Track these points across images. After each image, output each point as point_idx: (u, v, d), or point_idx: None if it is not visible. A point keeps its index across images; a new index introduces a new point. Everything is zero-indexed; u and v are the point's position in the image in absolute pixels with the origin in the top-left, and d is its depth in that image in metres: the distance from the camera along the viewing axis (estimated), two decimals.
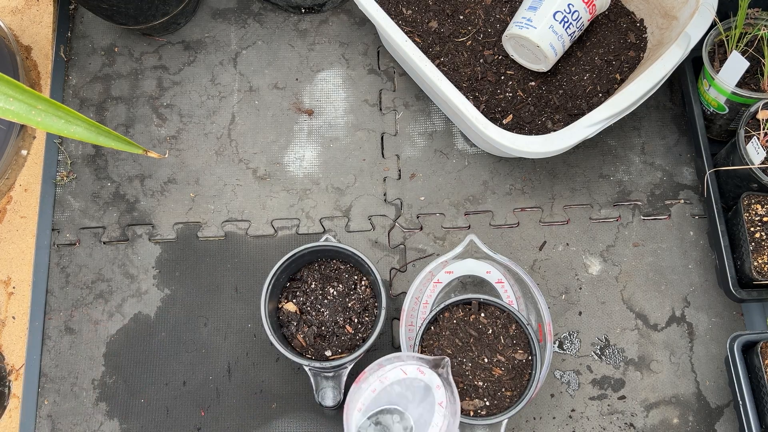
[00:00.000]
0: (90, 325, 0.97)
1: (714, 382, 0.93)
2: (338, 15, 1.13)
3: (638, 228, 1.00)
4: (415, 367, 0.75)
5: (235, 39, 1.11)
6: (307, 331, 0.86)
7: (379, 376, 0.75)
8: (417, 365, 0.75)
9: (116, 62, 1.10)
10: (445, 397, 0.73)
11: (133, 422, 0.92)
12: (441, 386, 0.74)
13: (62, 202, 1.02)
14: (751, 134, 0.87)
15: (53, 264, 0.99)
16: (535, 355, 0.79)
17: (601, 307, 0.97)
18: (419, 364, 0.75)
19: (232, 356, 0.95)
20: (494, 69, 0.99)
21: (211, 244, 1.00)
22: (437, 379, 0.74)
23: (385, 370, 0.75)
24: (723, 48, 0.94)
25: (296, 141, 1.06)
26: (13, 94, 0.76)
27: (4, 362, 0.95)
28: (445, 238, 1.00)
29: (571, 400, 0.93)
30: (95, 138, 0.80)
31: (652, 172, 1.03)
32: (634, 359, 0.94)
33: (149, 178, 1.04)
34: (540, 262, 0.99)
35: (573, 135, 0.84)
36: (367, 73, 1.09)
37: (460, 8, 1.02)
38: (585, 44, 1.01)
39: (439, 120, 1.06)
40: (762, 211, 0.88)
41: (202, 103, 1.08)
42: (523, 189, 1.03)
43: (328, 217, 1.02)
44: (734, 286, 0.88)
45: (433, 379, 0.74)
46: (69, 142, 1.06)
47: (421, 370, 0.75)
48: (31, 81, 1.08)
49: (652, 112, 1.06)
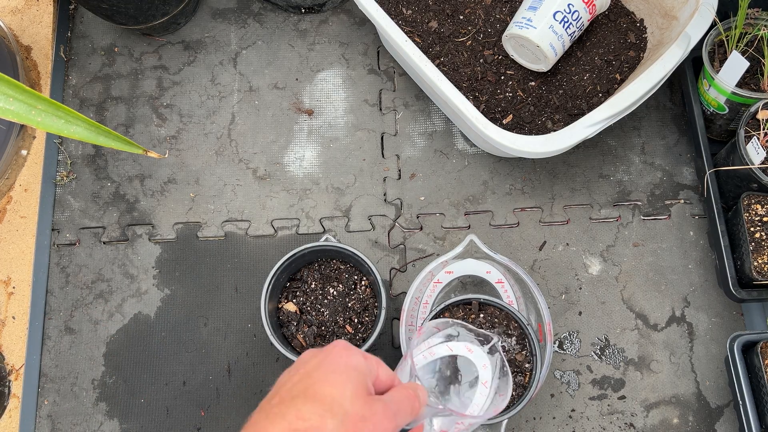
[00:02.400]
0: (90, 325, 0.97)
1: (714, 382, 0.93)
2: (338, 15, 1.13)
3: (638, 228, 1.01)
4: (464, 345, 0.73)
5: (235, 39, 1.11)
6: (307, 331, 0.86)
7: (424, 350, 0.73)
8: (465, 343, 0.73)
9: (116, 62, 1.10)
10: (491, 377, 0.72)
11: (133, 422, 0.92)
12: (488, 366, 0.72)
13: (62, 202, 1.02)
14: (751, 134, 0.87)
15: (53, 264, 0.99)
16: (535, 355, 0.79)
17: (601, 307, 0.97)
18: (467, 342, 0.73)
19: (232, 356, 0.95)
20: (494, 69, 0.99)
21: (211, 244, 1.00)
22: (485, 359, 0.72)
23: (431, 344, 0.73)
24: (723, 48, 0.94)
25: (296, 141, 1.06)
26: (13, 94, 0.76)
27: (4, 362, 0.95)
28: (445, 238, 1.00)
29: (571, 400, 0.93)
30: (95, 138, 0.80)
31: (652, 172, 1.03)
32: (634, 359, 0.94)
33: (149, 178, 1.04)
34: (540, 262, 0.99)
35: (573, 135, 0.84)
36: (367, 73, 1.09)
37: (460, 8, 1.02)
38: (585, 44, 1.01)
39: (439, 120, 1.06)
40: (762, 211, 0.88)
41: (202, 103, 1.08)
42: (523, 189, 1.03)
43: (328, 217, 1.02)
44: (734, 286, 0.88)
45: (480, 358, 0.72)
46: (69, 142, 1.06)
47: (470, 348, 0.73)
48: (31, 81, 1.08)
49: (652, 112, 1.06)
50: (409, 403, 0.48)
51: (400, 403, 0.47)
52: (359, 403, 0.43)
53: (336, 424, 0.41)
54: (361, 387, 0.44)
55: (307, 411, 0.41)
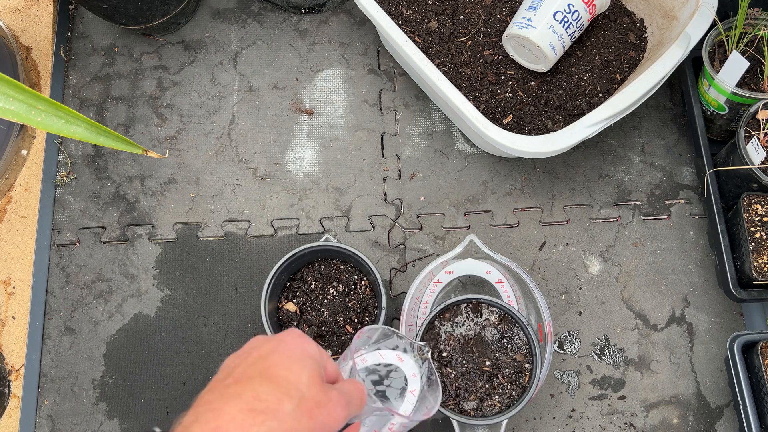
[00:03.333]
0: (90, 325, 0.97)
1: (714, 382, 0.93)
2: (338, 15, 1.13)
3: (638, 228, 1.01)
4: (395, 354, 0.73)
5: (235, 39, 1.11)
6: (307, 331, 0.86)
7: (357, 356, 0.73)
8: (396, 353, 0.74)
9: (116, 62, 1.10)
10: (418, 386, 0.72)
11: (133, 422, 0.92)
12: (417, 375, 0.73)
13: (62, 202, 1.02)
14: (751, 134, 0.87)
15: (53, 264, 0.99)
16: (535, 355, 0.79)
17: (601, 307, 0.97)
18: (399, 352, 0.74)
19: None
20: (494, 69, 0.99)
21: (211, 244, 1.00)
22: (414, 368, 0.73)
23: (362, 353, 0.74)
24: (723, 48, 0.94)
25: (296, 141, 1.06)
26: (13, 94, 0.76)
27: (4, 362, 0.95)
28: (445, 238, 1.00)
29: (571, 400, 0.93)
30: (95, 138, 0.80)
31: (652, 172, 1.03)
32: (634, 359, 0.94)
33: (149, 178, 1.04)
34: (540, 262, 0.99)
35: (573, 135, 0.84)
36: (367, 73, 1.09)
37: (460, 8, 1.02)
38: (585, 44, 1.01)
39: (439, 120, 1.06)
40: (762, 211, 0.88)
41: (202, 103, 1.08)
42: (523, 189, 1.03)
43: (328, 217, 1.02)
44: (734, 286, 0.88)
45: (410, 367, 0.73)
46: (69, 142, 1.06)
47: (400, 357, 0.74)
48: (31, 81, 1.08)
49: (652, 112, 1.06)
50: (358, 394, 0.49)
51: (351, 393, 0.48)
52: (315, 389, 0.43)
53: (293, 407, 0.41)
54: (316, 374, 0.45)
55: (264, 392, 0.41)
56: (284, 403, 0.41)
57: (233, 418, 0.39)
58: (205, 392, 0.43)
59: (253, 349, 0.46)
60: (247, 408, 0.40)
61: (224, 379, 0.43)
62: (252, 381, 0.42)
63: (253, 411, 0.40)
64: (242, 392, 0.41)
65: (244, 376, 0.43)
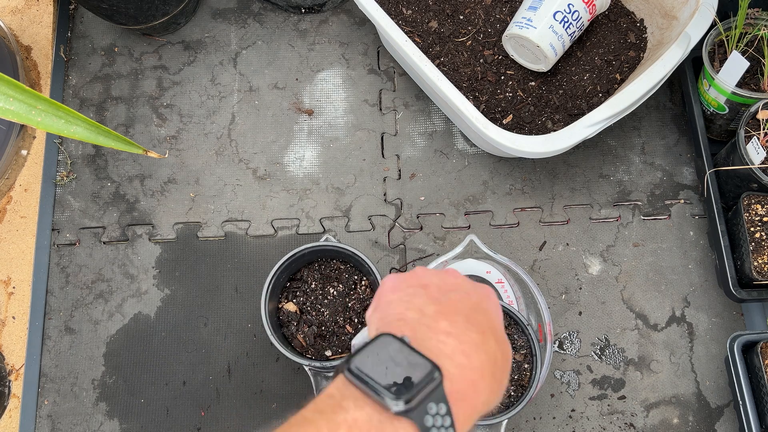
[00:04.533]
0: (90, 325, 0.97)
1: (714, 382, 0.93)
2: (338, 15, 1.13)
3: (638, 228, 1.00)
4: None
5: (235, 39, 1.11)
6: (307, 331, 0.86)
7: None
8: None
9: (116, 62, 1.10)
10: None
11: (133, 422, 0.92)
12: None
13: (62, 202, 1.02)
14: (751, 134, 0.87)
15: (53, 264, 0.99)
16: (535, 355, 0.79)
17: (601, 307, 0.97)
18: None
19: (232, 356, 0.95)
20: (494, 69, 0.99)
21: (211, 244, 1.00)
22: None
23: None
24: (723, 48, 0.94)
25: (296, 141, 1.06)
26: (13, 94, 0.76)
27: (4, 362, 0.95)
28: (445, 238, 1.00)
29: (571, 400, 0.93)
30: (95, 138, 0.80)
31: (652, 172, 1.03)
32: (634, 359, 0.94)
33: (149, 178, 1.04)
34: (540, 262, 0.99)
35: (573, 135, 0.84)
36: (367, 73, 1.09)
37: (460, 8, 1.02)
38: (585, 44, 1.01)
39: (439, 120, 1.06)
40: (762, 211, 0.88)
41: (202, 103, 1.08)
42: (523, 189, 1.03)
43: (328, 217, 1.02)
44: (734, 286, 0.88)
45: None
46: (69, 142, 1.06)
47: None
48: (31, 81, 1.08)
49: (652, 112, 1.06)
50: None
51: None
52: (504, 336, 0.45)
53: (495, 346, 0.42)
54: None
55: (482, 323, 0.43)
56: (490, 341, 0.42)
57: None
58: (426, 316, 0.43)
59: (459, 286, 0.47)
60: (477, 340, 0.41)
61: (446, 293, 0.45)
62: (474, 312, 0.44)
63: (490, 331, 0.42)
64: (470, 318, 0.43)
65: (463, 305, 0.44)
